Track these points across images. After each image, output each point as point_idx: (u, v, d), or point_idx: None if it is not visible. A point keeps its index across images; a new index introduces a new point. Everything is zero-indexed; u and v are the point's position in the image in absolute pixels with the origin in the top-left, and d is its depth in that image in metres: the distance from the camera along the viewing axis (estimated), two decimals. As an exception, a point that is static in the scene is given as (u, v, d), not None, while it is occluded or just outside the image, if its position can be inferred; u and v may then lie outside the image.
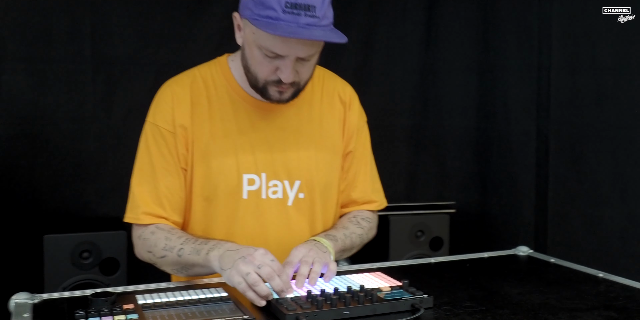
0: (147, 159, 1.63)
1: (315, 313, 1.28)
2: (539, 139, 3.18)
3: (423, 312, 1.33)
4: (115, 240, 2.69)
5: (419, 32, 3.47)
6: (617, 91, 2.89)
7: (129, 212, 1.63)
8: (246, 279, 1.34)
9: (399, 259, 3.09)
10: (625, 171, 2.89)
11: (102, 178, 3.03)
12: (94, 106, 3.00)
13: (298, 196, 1.67)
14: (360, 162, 1.79)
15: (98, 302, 1.29)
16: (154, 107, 1.66)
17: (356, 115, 1.78)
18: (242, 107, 1.64)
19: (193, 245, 1.51)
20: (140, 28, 3.03)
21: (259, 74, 1.53)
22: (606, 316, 1.33)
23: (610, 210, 2.94)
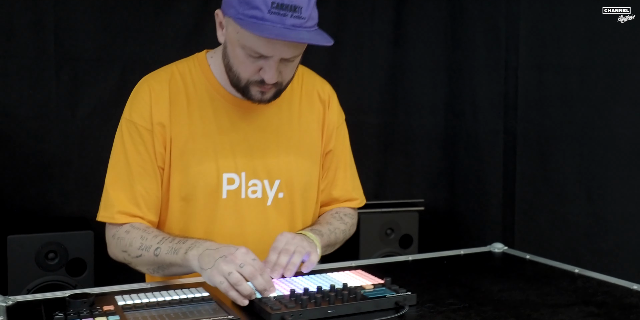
0: (122, 156, 1.59)
1: (300, 312, 1.26)
2: (507, 138, 3.22)
3: (407, 309, 1.32)
4: (81, 241, 2.63)
5: (388, 30, 3.47)
6: (584, 90, 2.94)
7: (102, 211, 1.58)
8: (228, 278, 1.31)
9: (369, 256, 3.10)
10: (591, 169, 2.94)
11: (66, 177, 2.96)
12: (58, 103, 2.93)
13: (277, 196, 1.65)
14: (340, 161, 1.78)
15: (76, 303, 1.25)
16: (130, 103, 1.61)
17: (335, 114, 1.76)
18: (222, 106, 1.61)
19: (170, 244, 1.47)
20: (106, 23, 2.96)
21: (241, 74, 1.50)
22: (587, 312, 1.35)
23: (576, 207, 2.99)
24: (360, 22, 3.44)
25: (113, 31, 2.98)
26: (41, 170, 2.92)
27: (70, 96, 2.94)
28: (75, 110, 2.95)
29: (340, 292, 1.34)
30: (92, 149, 2.98)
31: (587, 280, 1.60)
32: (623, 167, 2.87)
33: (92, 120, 2.97)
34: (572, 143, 3.00)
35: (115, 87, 3.00)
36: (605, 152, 2.91)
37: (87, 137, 2.97)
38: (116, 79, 2.99)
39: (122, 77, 3.00)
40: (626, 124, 2.86)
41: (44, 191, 2.93)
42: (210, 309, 1.27)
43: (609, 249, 2.92)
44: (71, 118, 2.95)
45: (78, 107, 2.96)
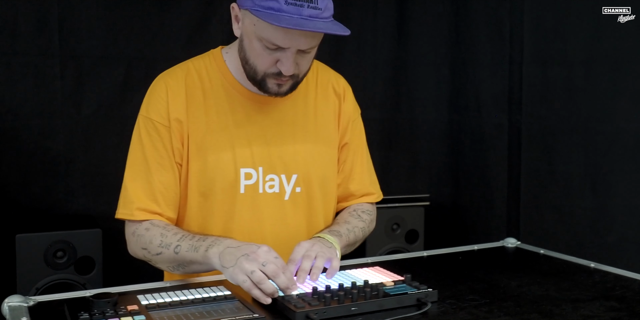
0: (140, 153, 1.59)
1: (324, 310, 1.27)
2: (511, 132, 3.22)
3: (430, 306, 1.33)
4: (90, 239, 2.63)
5: (391, 26, 3.47)
6: (588, 84, 2.95)
7: (121, 208, 1.58)
8: (251, 277, 1.32)
9: (376, 252, 3.10)
10: (596, 163, 2.95)
11: (72, 175, 2.96)
12: (63, 101, 2.92)
13: (295, 190, 1.65)
14: (356, 154, 1.78)
15: (100, 303, 1.25)
16: (147, 100, 1.62)
17: (351, 107, 1.77)
18: (238, 100, 1.62)
19: (190, 242, 1.47)
20: (110, 20, 2.96)
21: (258, 66, 1.50)
22: (608, 306, 1.35)
23: (581, 201, 3.00)
24: (364, 17, 3.44)
25: (117, 28, 2.97)
26: (47, 168, 2.92)
27: (75, 94, 2.93)
28: (80, 108, 2.95)
29: (362, 290, 1.34)
30: (98, 146, 2.98)
31: (604, 275, 1.60)
32: (627, 160, 2.88)
33: (97, 118, 2.97)
34: (577, 137, 3.01)
35: (120, 85, 2.99)
36: (609, 146, 2.92)
37: (93, 134, 2.97)
38: (121, 76, 2.98)
39: (127, 75, 2.99)
40: (630, 118, 2.87)
41: (49, 189, 2.93)
42: (234, 308, 1.27)
43: (614, 242, 2.93)
44: (76, 116, 2.94)
45: (83, 105, 2.95)
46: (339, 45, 3.36)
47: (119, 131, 2.99)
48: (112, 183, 2.98)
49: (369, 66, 3.46)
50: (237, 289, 1.38)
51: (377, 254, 3.10)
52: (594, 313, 1.31)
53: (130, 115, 2.95)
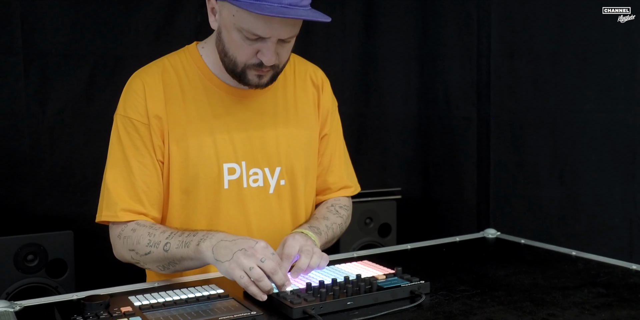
0: (120, 153, 1.56)
1: (321, 305, 1.26)
2: (480, 125, 3.26)
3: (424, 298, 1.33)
4: (61, 241, 2.57)
5: (359, 19, 3.47)
6: (555, 76, 3.00)
7: (105, 210, 1.54)
8: (250, 273, 1.30)
9: (350, 246, 3.11)
10: (564, 153, 3.01)
11: (38, 176, 2.88)
12: (27, 101, 2.84)
13: (279, 183, 1.64)
14: (335, 147, 1.78)
15: (92, 306, 1.22)
16: (124, 99, 1.58)
17: (329, 98, 1.77)
18: (217, 94, 1.60)
19: (180, 238, 1.45)
20: (74, 18, 2.88)
21: (238, 58, 1.48)
22: (596, 293, 1.38)
23: (549, 191, 3.06)
24: (332, 11, 3.41)
25: (82, 26, 2.90)
26: (12, 169, 2.84)
27: (39, 93, 2.85)
28: (45, 107, 2.87)
29: (356, 284, 1.34)
30: (64, 146, 2.91)
31: (586, 262, 1.64)
32: (594, 150, 2.94)
33: (63, 117, 2.90)
34: (545, 128, 3.06)
35: (85, 83, 2.92)
36: (577, 137, 2.98)
37: (59, 134, 2.89)
38: (86, 74, 2.91)
39: (93, 73, 2.93)
40: (596, 109, 2.93)
41: (15, 191, 2.85)
42: (230, 306, 1.25)
43: (582, 230, 2.99)
44: (41, 115, 2.86)
45: (48, 104, 2.87)
46: (307, 40, 3.34)
47: (86, 130, 2.93)
48: (80, 183, 2.94)
49: (337, 60, 3.45)
50: (229, 288, 1.36)
51: (351, 249, 3.11)
52: (583, 300, 1.33)
53: (97, 114, 2.94)
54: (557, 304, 1.30)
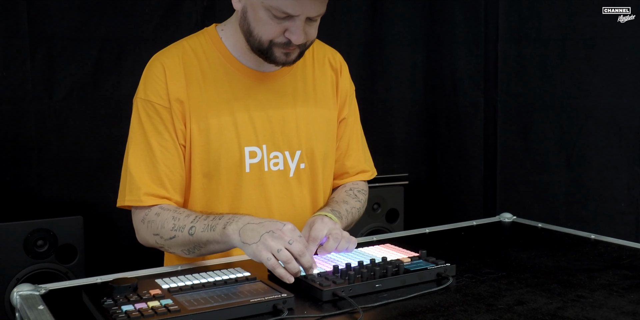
0: (142, 137, 1.54)
1: (350, 287, 1.26)
2: (487, 110, 3.26)
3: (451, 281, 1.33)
4: (71, 226, 2.56)
5: (365, 4, 3.45)
6: (562, 62, 3.00)
7: (128, 195, 1.53)
8: (278, 255, 1.30)
9: (357, 232, 3.11)
10: (571, 139, 3.02)
11: (45, 161, 2.87)
12: (34, 85, 2.82)
13: (299, 167, 1.64)
14: (352, 131, 1.78)
15: (121, 289, 1.22)
16: (144, 82, 1.56)
17: (347, 82, 1.76)
18: (237, 77, 1.58)
19: (205, 222, 1.44)
20: (80, 1, 2.85)
21: (264, 37, 1.47)
22: (622, 275, 1.38)
23: (557, 176, 3.06)
24: (337, -4, 3.40)
25: (88, 9, 2.87)
26: (18, 154, 2.82)
27: (46, 77, 2.83)
28: (52, 91, 2.85)
29: (383, 266, 1.33)
30: (71, 131, 2.89)
31: (607, 246, 1.64)
32: (601, 135, 2.95)
33: (70, 102, 2.88)
34: (552, 113, 3.06)
35: (92, 67, 2.90)
36: (584, 122, 2.98)
37: (65, 119, 2.87)
38: (93, 58, 2.89)
39: (100, 57, 2.90)
40: (604, 94, 2.93)
41: (21, 175, 2.83)
42: (259, 289, 1.25)
43: (589, 215, 3.01)
44: (48, 100, 2.84)
45: (54, 89, 2.85)
46: (313, 25, 3.32)
47: (93, 114, 2.91)
48: (88, 168, 2.93)
49: (343, 46, 3.42)
50: (255, 270, 1.36)
51: (358, 235, 3.11)
52: (610, 282, 1.34)
53: (104, 98, 2.92)
54: (584, 286, 1.31)
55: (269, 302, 1.18)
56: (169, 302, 1.16)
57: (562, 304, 1.20)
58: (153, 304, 1.15)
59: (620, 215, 2.93)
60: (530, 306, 1.19)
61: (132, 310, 1.12)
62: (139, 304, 1.15)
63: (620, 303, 1.20)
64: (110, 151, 2.92)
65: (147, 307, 1.13)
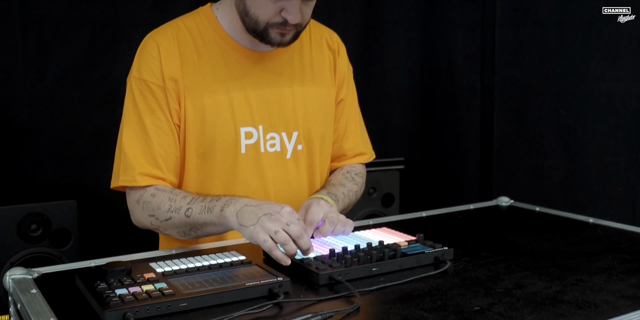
0: (136, 117, 1.52)
1: (347, 271, 1.25)
2: (484, 94, 3.23)
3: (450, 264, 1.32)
4: (65, 210, 2.53)
5: (361, -13, 3.41)
6: (560, 45, 2.97)
7: (122, 175, 1.50)
8: (275, 237, 1.28)
9: (353, 216, 3.10)
10: (568, 123, 3.00)
11: (38, 145, 2.83)
12: (26, 69, 2.78)
13: (296, 148, 1.62)
14: (350, 112, 1.76)
15: (115, 272, 1.20)
16: (138, 61, 1.54)
17: (345, 63, 1.74)
18: (233, 57, 1.56)
19: (202, 204, 1.42)
20: (72, -17, 2.81)
21: (260, 16, 1.45)
22: (621, 259, 1.37)
23: (553, 161, 3.05)
24: (333, -21, 3.36)
25: (80, -9, 2.83)
26: (11, 137, 2.79)
27: (38, 60, 2.79)
28: (45, 74, 2.81)
29: (380, 250, 1.32)
30: (64, 114, 2.86)
31: (605, 229, 1.63)
32: (599, 120, 2.94)
33: (63, 85, 2.84)
34: (549, 97, 3.04)
35: (85, 50, 2.86)
36: (581, 106, 2.97)
37: (59, 102, 2.84)
38: (86, 41, 2.85)
39: (92, 39, 2.86)
40: (601, 78, 2.91)
41: (14, 159, 2.80)
42: (254, 272, 1.23)
43: (586, 200, 3.00)
44: (40, 83, 2.80)
45: (47, 72, 2.81)
46: (309, 8, 3.28)
47: (86, 98, 2.88)
48: (81, 152, 2.90)
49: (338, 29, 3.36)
50: (251, 254, 1.34)
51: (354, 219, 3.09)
52: (609, 265, 1.33)
53: (97, 82, 2.88)
54: (583, 270, 1.30)
55: (264, 286, 1.17)
56: (163, 286, 1.15)
57: (562, 287, 1.19)
58: (147, 287, 1.14)
59: (616, 200, 2.92)
60: (529, 290, 1.18)
61: (126, 294, 1.10)
62: (133, 287, 1.14)
63: (620, 287, 1.19)
64: (105, 135, 2.89)
65: (141, 290, 1.12)
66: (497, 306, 1.10)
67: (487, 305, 1.10)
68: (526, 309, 1.08)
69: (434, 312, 1.07)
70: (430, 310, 1.08)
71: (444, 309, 1.09)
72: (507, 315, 1.06)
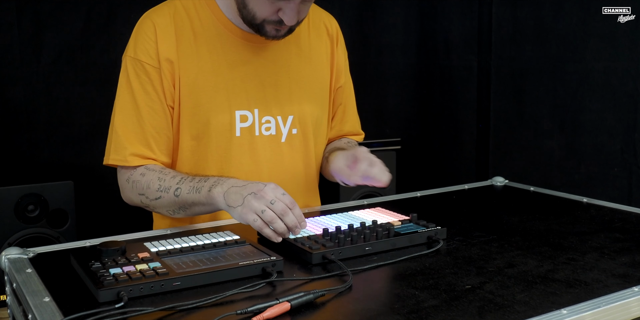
0: (129, 96, 1.51)
1: (340, 250, 1.25)
2: (480, 74, 3.23)
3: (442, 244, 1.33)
4: (62, 191, 2.55)
5: (357, -33, 3.39)
6: (557, 25, 2.96)
7: (113, 154, 1.51)
8: (262, 216, 1.29)
9: (349, 196, 3.11)
10: (565, 103, 3.00)
11: (34, 126, 2.84)
12: (21, 50, 2.78)
13: (291, 132, 1.62)
14: (349, 98, 1.79)
15: (109, 252, 1.21)
16: (134, 40, 1.53)
17: (343, 51, 1.75)
18: (230, 40, 1.55)
19: (191, 184, 1.42)
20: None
21: (257, 13, 1.45)
22: (613, 238, 1.38)
23: (550, 141, 3.06)
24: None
25: (75, -30, 2.81)
26: (7, 119, 2.79)
27: (33, 41, 2.79)
28: (40, 55, 2.81)
29: (373, 229, 1.33)
30: (60, 95, 2.86)
31: (599, 209, 1.63)
32: (596, 99, 2.93)
33: (58, 66, 2.84)
34: (546, 77, 3.04)
35: (80, 31, 2.86)
36: (578, 86, 2.96)
37: (54, 83, 2.84)
38: (81, 21, 2.84)
39: (88, 20, 2.86)
40: (599, 58, 2.90)
41: (10, 140, 2.81)
42: (248, 252, 1.24)
43: (582, 180, 3.01)
44: (36, 64, 2.80)
45: (42, 53, 2.81)
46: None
47: (82, 79, 2.88)
48: (77, 133, 2.91)
49: (335, 10, 3.37)
50: (245, 234, 1.35)
51: (350, 199, 3.11)
52: (601, 244, 1.33)
53: (92, 63, 2.88)
54: (575, 249, 1.30)
55: (258, 265, 1.17)
56: (157, 265, 1.15)
57: (553, 266, 1.20)
58: (141, 267, 1.14)
59: (612, 180, 2.93)
60: (520, 268, 1.19)
61: (120, 273, 1.11)
62: (127, 267, 1.14)
63: (611, 265, 1.20)
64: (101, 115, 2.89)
65: (135, 270, 1.12)
66: (488, 285, 1.10)
67: (479, 283, 1.11)
68: (517, 288, 1.09)
69: (426, 290, 1.08)
70: (421, 288, 1.09)
71: (436, 288, 1.09)
72: (498, 293, 1.07)
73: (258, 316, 0.97)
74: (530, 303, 1.02)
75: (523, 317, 0.96)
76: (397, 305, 1.03)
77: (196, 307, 1.02)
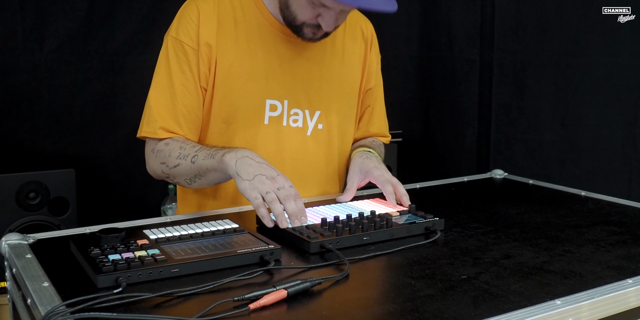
0: (166, 74, 1.58)
1: (338, 240, 1.26)
2: (482, 67, 3.22)
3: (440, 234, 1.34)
4: (63, 179, 2.55)
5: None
6: (560, 19, 2.95)
7: (145, 126, 1.58)
8: (265, 196, 1.33)
9: (350, 188, 3.11)
10: (566, 97, 2.99)
11: (37, 114, 2.84)
12: (24, 37, 2.78)
13: (317, 127, 1.67)
14: (377, 100, 1.84)
15: (108, 238, 1.22)
16: (177, 21, 1.59)
17: (376, 55, 1.81)
18: (269, 32, 1.61)
19: (208, 151, 1.48)
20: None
21: (298, 16, 1.50)
22: (609, 231, 1.39)
23: (550, 135, 3.06)
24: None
25: (78, -42, 2.81)
26: (9, 107, 2.79)
27: (36, 28, 2.78)
28: (43, 43, 2.81)
29: (371, 219, 1.34)
30: (63, 83, 2.86)
31: (596, 202, 1.64)
32: (597, 94, 2.93)
33: (61, 54, 2.84)
34: (548, 71, 3.03)
35: (84, 18, 2.85)
36: (580, 80, 2.96)
37: (57, 71, 2.84)
38: (85, 9, 2.84)
39: (91, 7, 2.85)
40: (601, 52, 2.90)
41: (13, 128, 2.81)
42: (246, 240, 1.25)
43: (582, 174, 3.01)
44: (39, 52, 2.80)
45: (45, 40, 2.81)
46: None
47: (85, 68, 2.88)
48: (80, 122, 2.91)
49: (338, 0, 3.38)
50: (244, 222, 1.36)
51: (351, 190, 3.11)
52: (597, 237, 1.34)
53: (96, 51, 2.88)
54: (572, 241, 1.31)
55: (256, 253, 1.18)
56: (156, 252, 1.16)
57: (549, 258, 1.21)
58: (140, 253, 1.15)
59: (613, 174, 2.93)
60: (516, 260, 1.19)
61: (119, 259, 1.12)
62: (126, 253, 1.15)
63: (607, 258, 1.21)
64: (103, 104, 2.90)
65: (134, 256, 1.14)
66: (484, 275, 1.11)
67: (474, 274, 1.12)
68: (512, 278, 1.10)
69: (422, 280, 1.09)
70: (418, 278, 1.10)
71: (432, 278, 1.10)
72: (493, 284, 1.07)
73: (255, 303, 0.98)
74: (524, 293, 1.03)
75: (517, 307, 0.97)
76: (393, 294, 1.04)
77: (194, 294, 1.03)
